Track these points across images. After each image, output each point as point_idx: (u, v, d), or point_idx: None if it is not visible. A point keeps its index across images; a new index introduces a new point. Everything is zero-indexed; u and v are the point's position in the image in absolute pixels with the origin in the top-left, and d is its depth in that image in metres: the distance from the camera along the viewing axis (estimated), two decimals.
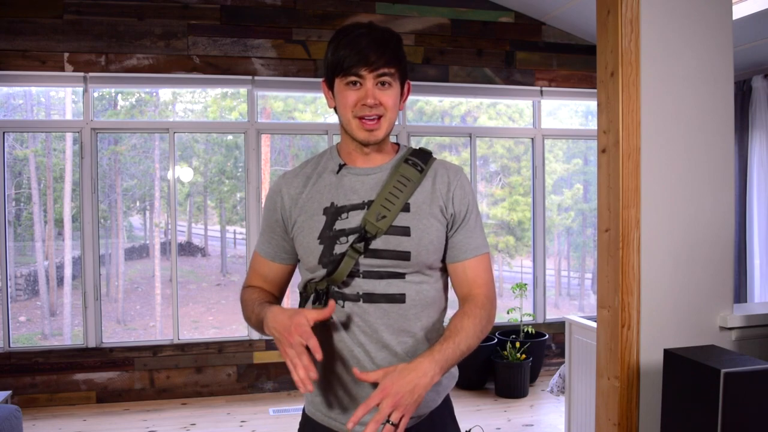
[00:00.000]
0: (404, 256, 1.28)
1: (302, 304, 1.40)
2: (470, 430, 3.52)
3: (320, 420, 1.36)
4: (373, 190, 1.32)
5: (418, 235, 1.29)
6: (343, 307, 1.29)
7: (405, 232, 1.28)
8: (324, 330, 1.32)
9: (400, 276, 1.29)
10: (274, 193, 1.38)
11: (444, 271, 1.39)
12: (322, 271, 1.30)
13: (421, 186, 1.33)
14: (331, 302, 1.22)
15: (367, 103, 1.26)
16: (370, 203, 1.30)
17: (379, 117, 1.28)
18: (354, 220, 1.29)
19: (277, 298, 1.44)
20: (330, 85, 1.33)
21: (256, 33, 4.56)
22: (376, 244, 1.27)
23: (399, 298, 1.29)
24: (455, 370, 1.40)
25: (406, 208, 1.30)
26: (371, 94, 1.26)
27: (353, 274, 1.28)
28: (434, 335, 1.35)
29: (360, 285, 1.29)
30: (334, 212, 1.30)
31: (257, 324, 1.31)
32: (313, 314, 1.19)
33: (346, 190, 1.32)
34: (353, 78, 1.26)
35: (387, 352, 1.29)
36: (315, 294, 1.31)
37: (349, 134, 1.32)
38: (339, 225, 1.29)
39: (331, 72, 1.30)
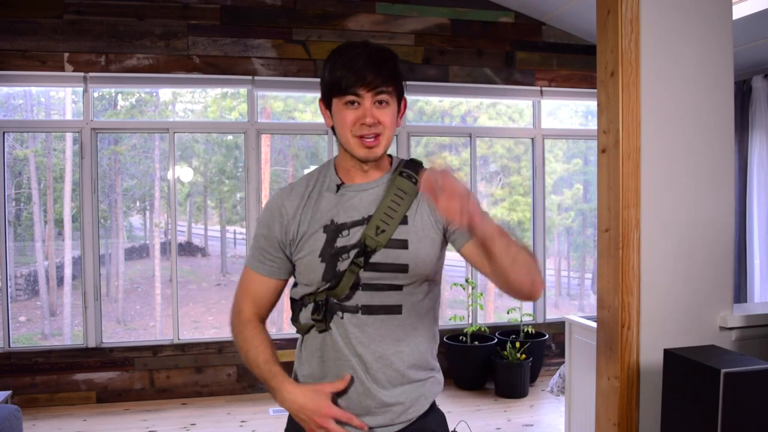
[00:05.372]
0: (402, 268, 1.30)
1: (296, 311, 1.40)
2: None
3: None
4: (372, 205, 1.32)
5: (415, 248, 1.30)
6: (342, 318, 1.30)
7: (403, 245, 1.30)
8: (321, 340, 1.33)
9: (398, 288, 1.31)
10: (274, 210, 1.36)
11: (438, 282, 1.41)
12: (325, 285, 1.31)
13: (416, 198, 1.34)
14: (347, 375, 1.29)
15: (366, 122, 1.26)
16: (369, 218, 1.30)
17: (378, 135, 1.29)
18: (355, 236, 1.30)
19: (264, 320, 1.43)
20: (327, 105, 1.33)
21: (256, 33, 4.55)
22: (375, 258, 1.29)
23: (396, 309, 1.31)
24: (441, 377, 1.42)
25: (404, 221, 1.31)
26: (369, 114, 1.26)
27: (354, 287, 1.30)
28: (430, 344, 1.38)
29: (359, 297, 1.30)
30: (334, 230, 1.31)
31: (260, 378, 1.35)
32: (329, 388, 1.28)
33: (346, 207, 1.33)
34: (351, 98, 1.26)
35: (383, 362, 1.31)
36: (314, 305, 1.33)
37: (348, 152, 1.32)
38: (340, 242, 1.30)
39: (328, 92, 1.30)
